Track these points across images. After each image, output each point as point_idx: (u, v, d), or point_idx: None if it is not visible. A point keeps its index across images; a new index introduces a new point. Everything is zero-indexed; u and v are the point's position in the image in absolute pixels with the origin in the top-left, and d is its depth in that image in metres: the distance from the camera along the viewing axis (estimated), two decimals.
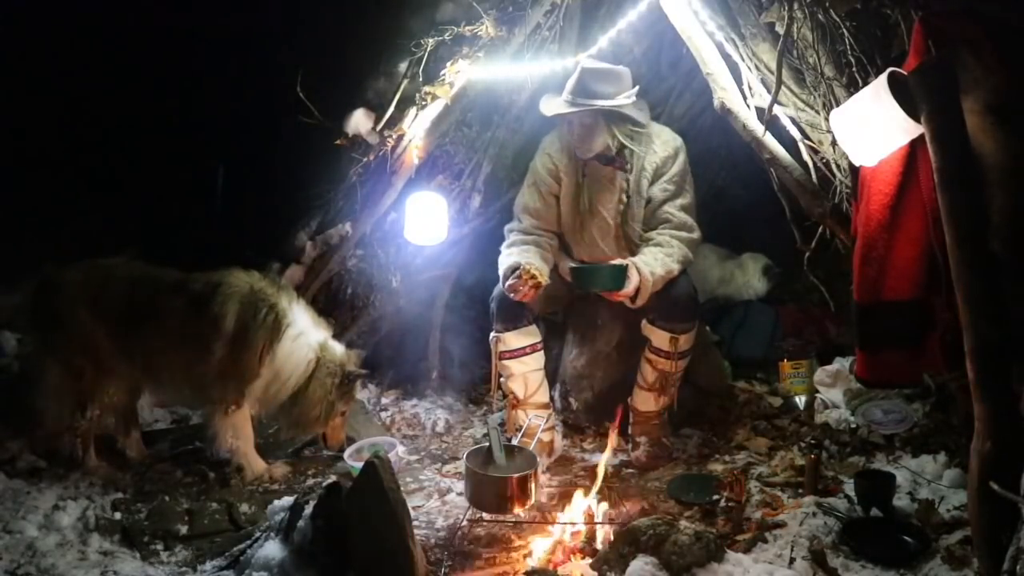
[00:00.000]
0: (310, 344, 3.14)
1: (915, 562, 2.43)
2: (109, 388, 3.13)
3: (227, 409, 3.10)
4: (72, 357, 3.06)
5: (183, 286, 3.12)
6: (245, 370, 3.06)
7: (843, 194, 2.84)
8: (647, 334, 3.28)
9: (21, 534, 2.62)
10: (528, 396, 3.35)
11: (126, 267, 3.18)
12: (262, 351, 3.06)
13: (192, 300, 3.08)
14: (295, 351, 3.11)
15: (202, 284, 3.11)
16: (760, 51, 2.95)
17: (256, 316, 3.05)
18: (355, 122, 3.72)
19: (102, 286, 3.10)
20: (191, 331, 3.06)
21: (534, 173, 3.43)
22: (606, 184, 3.32)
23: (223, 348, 3.03)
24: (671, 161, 3.29)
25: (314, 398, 3.13)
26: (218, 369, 3.04)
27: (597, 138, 3.22)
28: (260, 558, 2.40)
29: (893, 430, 3.28)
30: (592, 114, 3.16)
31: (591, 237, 3.39)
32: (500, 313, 3.29)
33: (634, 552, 2.35)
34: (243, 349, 3.04)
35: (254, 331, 3.04)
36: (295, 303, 3.18)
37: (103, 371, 3.09)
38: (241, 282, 3.11)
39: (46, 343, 3.09)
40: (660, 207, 3.28)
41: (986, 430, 1.96)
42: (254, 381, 3.10)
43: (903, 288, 2.36)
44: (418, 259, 3.89)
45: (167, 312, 3.08)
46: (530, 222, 3.40)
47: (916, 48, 2.18)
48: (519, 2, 3.48)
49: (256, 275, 3.18)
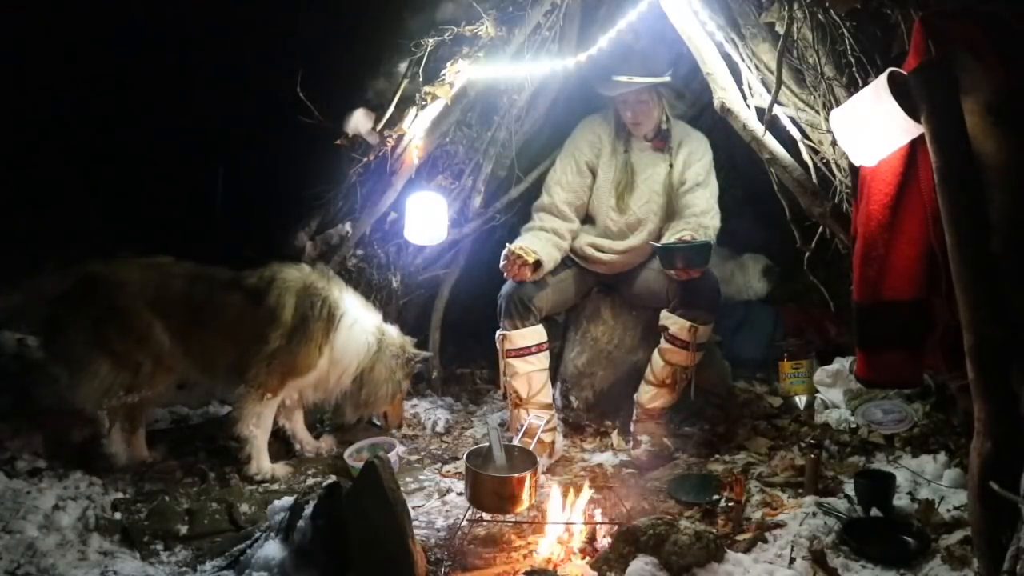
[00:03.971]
0: (367, 329, 3.26)
1: (915, 562, 2.43)
2: (161, 383, 3.20)
3: (262, 396, 3.15)
4: (130, 352, 3.10)
5: (238, 281, 3.21)
6: (302, 362, 3.14)
7: (843, 194, 2.84)
8: (665, 323, 3.29)
9: (21, 534, 2.61)
10: (531, 395, 3.35)
11: (179, 265, 3.25)
12: (321, 343, 3.16)
13: (248, 294, 3.17)
14: (353, 338, 3.22)
15: (256, 279, 3.20)
16: (760, 51, 2.95)
17: (313, 309, 3.16)
18: (355, 122, 3.72)
19: (162, 284, 3.16)
20: (249, 324, 3.15)
21: (572, 145, 3.52)
22: (650, 160, 3.44)
23: (280, 339, 3.12)
24: (702, 149, 3.43)
25: (380, 379, 3.28)
26: (270, 358, 3.12)
27: (653, 113, 3.36)
28: (260, 558, 2.40)
29: (893, 430, 3.29)
30: (649, 90, 3.29)
31: (630, 210, 3.45)
32: (507, 311, 3.31)
33: (634, 552, 2.36)
34: (302, 342, 3.13)
35: (312, 323, 3.15)
36: (345, 292, 3.29)
37: (161, 367, 3.15)
38: (294, 276, 3.21)
39: (98, 337, 3.09)
40: (690, 192, 3.39)
41: (986, 430, 1.96)
42: (309, 373, 3.18)
43: (903, 288, 2.36)
44: (418, 259, 3.89)
45: (225, 307, 3.16)
46: (559, 196, 3.46)
47: (916, 48, 2.17)
48: (519, 2, 3.47)
49: (305, 268, 3.28)
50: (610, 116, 3.49)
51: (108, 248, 3.75)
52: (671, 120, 3.46)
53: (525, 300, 3.31)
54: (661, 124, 3.42)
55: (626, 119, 3.40)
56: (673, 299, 3.29)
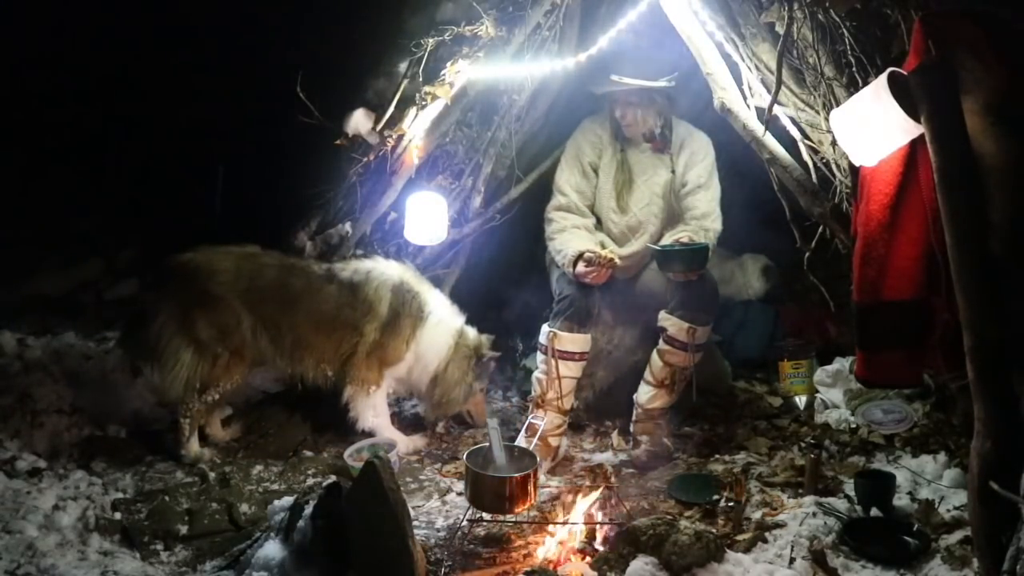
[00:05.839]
0: (449, 330, 3.40)
1: (915, 562, 2.43)
2: (236, 375, 3.25)
3: (369, 390, 3.31)
4: (211, 342, 3.15)
5: (332, 273, 3.30)
6: (391, 354, 3.30)
7: (843, 194, 2.84)
8: (664, 324, 3.28)
9: (21, 534, 2.61)
10: (557, 398, 3.29)
11: (268, 255, 3.32)
12: (408, 337, 3.30)
13: (344, 286, 3.27)
14: (437, 337, 3.36)
15: (350, 272, 3.31)
16: (760, 51, 2.95)
17: (405, 303, 3.28)
18: (355, 122, 3.72)
19: (256, 273, 3.22)
20: (345, 316, 3.25)
21: (575, 147, 3.53)
22: (650, 162, 3.44)
23: (376, 331, 3.23)
24: (704, 151, 3.43)
25: (452, 380, 3.40)
26: (367, 351, 3.23)
27: (643, 116, 3.35)
28: (260, 558, 2.40)
29: (893, 430, 3.29)
30: (639, 93, 3.28)
31: (630, 211, 3.45)
32: (569, 314, 3.26)
33: (634, 552, 2.36)
34: (392, 334, 3.25)
35: (403, 317, 3.27)
36: (432, 291, 3.40)
37: (238, 358, 3.21)
38: (390, 270, 3.33)
39: (185, 324, 3.13)
40: (691, 194, 3.39)
41: (986, 430, 1.96)
42: (397, 364, 3.33)
43: (903, 288, 2.36)
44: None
45: (321, 298, 3.24)
46: (573, 196, 3.46)
47: (916, 48, 2.17)
48: (519, 2, 3.47)
49: (397, 264, 3.40)
50: (609, 116, 3.49)
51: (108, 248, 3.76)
52: (673, 122, 3.45)
53: (592, 308, 3.29)
54: (655, 128, 3.40)
55: (622, 120, 3.40)
56: (672, 300, 3.28)
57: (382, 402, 3.41)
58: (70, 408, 3.31)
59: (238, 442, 3.43)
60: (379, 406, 3.39)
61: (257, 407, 3.66)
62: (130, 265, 4.78)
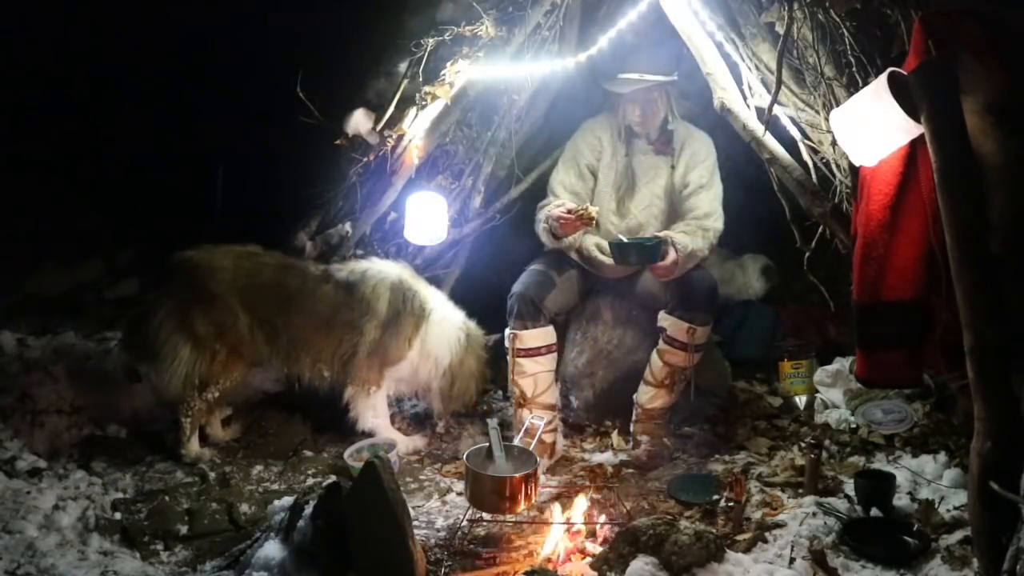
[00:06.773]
0: (456, 325, 3.41)
1: (915, 562, 2.43)
2: (235, 372, 3.26)
3: (368, 390, 3.33)
4: (209, 339, 3.16)
5: (329, 273, 3.31)
6: (393, 353, 3.29)
7: (843, 194, 2.84)
8: (663, 324, 3.28)
9: (21, 534, 2.61)
10: (536, 395, 3.33)
11: (268, 255, 3.33)
12: (411, 335, 3.30)
13: (340, 286, 3.27)
14: (443, 334, 3.37)
15: (347, 272, 3.31)
16: (760, 51, 2.95)
17: (405, 301, 3.28)
18: (355, 122, 3.72)
19: (254, 273, 3.23)
20: (343, 316, 3.24)
21: (573, 148, 3.53)
22: (652, 163, 3.44)
23: (376, 330, 3.24)
24: (705, 151, 3.42)
25: (469, 372, 3.43)
26: (367, 351, 3.23)
27: (660, 112, 3.37)
28: (260, 558, 2.40)
29: (893, 430, 3.29)
30: (659, 88, 3.30)
31: (631, 213, 3.45)
32: (518, 311, 3.30)
33: (634, 552, 2.35)
34: (393, 334, 3.26)
35: (405, 316, 3.28)
36: (430, 289, 3.42)
37: (235, 355, 3.22)
38: (387, 269, 3.34)
39: (183, 319, 3.15)
40: (693, 195, 3.39)
41: (986, 430, 1.96)
42: (399, 364, 3.28)
43: (903, 288, 2.36)
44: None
45: (318, 297, 3.25)
46: (565, 197, 3.45)
47: (916, 48, 2.18)
48: (519, 2, 3.48)
49: (394, 264, 3.40)
50: (611, 117, 3.49)
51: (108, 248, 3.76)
52: (676, 120, 3.45)
53: (536, 301, 3.30)
54: (667, 124, 3.42)
55: (633, 118, 3.39)
56: (671, 300, 3.28)
57: (382, 402, 3.42)
58: (70, 408, 3.31)
59: (238, 442, 3.44)
60: (379, 406, 3.40)
61: (257, 407, 3.66)
62: (130, 265, 4.78)
